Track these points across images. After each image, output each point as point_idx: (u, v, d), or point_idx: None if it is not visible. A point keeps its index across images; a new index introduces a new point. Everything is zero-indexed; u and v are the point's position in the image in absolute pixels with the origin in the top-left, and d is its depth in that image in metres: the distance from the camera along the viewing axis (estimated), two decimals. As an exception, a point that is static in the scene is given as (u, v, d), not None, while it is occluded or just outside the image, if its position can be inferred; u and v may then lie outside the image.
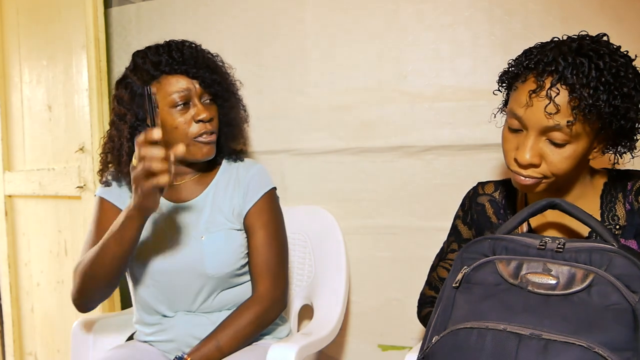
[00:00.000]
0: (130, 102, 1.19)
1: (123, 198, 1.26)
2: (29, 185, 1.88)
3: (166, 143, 1.19)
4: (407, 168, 1.46)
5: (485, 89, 1.36)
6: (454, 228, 1.14)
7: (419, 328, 1.44)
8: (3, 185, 2.02)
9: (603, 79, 0.82)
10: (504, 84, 0.96)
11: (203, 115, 1.17)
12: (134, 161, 0.98)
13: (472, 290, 0.83)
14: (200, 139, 1.19)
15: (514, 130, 0.91)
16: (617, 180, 0.98)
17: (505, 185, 1.09)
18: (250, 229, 1.23)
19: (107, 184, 1.26)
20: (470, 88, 1.39)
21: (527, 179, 0.91)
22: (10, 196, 2.01)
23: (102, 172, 1.27)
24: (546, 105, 0.83)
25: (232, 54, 1.61)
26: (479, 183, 1.13)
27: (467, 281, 0.85)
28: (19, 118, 1.96)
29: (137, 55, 1.22)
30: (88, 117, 1.61)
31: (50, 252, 1.84)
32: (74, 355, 1.33)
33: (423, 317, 1.14)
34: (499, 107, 1.04)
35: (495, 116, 1.05)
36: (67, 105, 1.72)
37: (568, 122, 0.83)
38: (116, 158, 1.22)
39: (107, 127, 1.29)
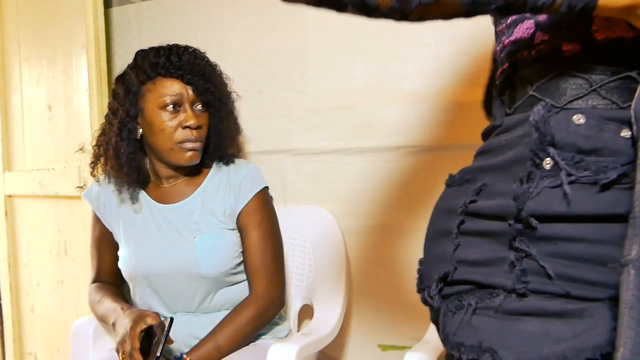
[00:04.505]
0: (124, 98, 1.21)
1: (103, 200, 1.29)
2: (28, 185, 1.88)
3: (151, 145, 1.22)
4: (407, 168, 1.45)
5: (485, 89, 1.36)
6: None
7: (419, 328, 1.44)
8: (3, 185, 2.01)
9: None
10: None
11: (190, 122, 1.18)
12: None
13: None
14: (185, 144, 1.19)
15: None
16: None
17: None
18: (244, 230, 1.23)
19: (96, 179, 1.31)
20: (470, 88, 1.38)
21: None
22: (10, 196, 2.01)
23: (93, 164, 1.29)
24: None
25: (232, 54, 1.61)
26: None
27: None
28: (19, 118, 1.95)
29: (139, 53, 1.25)
30: (88, 117, 1.60)
31: (50, 252, 1.84)
32: (74, 355, 1.33)
33: None
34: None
35: None
36: (67, 105, 1.72)
37: None
38: (105, 151, 1.25)
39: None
